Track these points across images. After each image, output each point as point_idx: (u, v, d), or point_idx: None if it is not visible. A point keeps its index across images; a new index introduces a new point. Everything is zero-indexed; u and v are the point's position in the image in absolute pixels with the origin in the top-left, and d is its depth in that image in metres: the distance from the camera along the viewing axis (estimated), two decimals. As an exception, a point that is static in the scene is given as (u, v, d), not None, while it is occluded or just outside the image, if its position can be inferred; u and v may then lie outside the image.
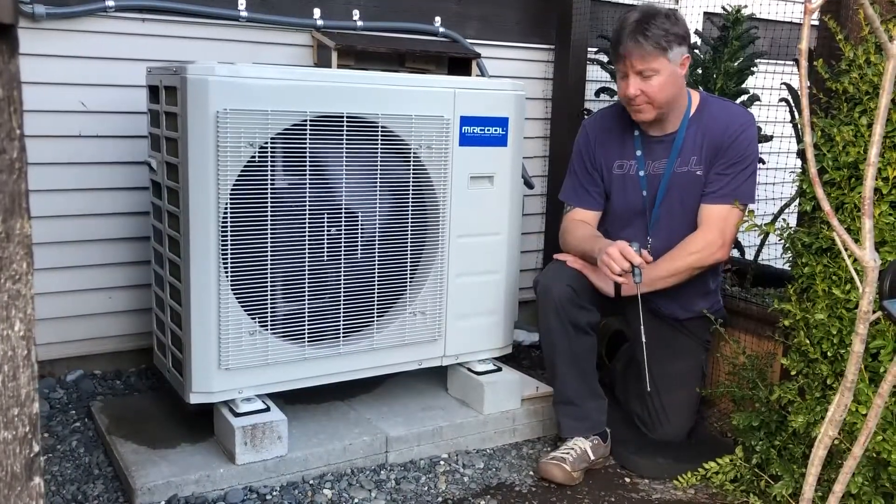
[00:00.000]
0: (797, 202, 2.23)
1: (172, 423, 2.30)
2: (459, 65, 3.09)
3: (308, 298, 2.18)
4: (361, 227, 2.25)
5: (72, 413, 2.48)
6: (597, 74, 3.36)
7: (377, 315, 2.31)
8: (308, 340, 2.20)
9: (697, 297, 2.44)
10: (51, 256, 2.55)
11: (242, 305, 2.10)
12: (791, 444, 2.11)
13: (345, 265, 2.23)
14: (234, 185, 2.03)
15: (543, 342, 2.39)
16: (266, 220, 2.08)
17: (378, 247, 2.28)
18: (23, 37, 1.82)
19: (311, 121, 2.10)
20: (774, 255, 2.88)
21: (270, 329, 2.14)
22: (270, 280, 2.12)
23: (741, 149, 2.27)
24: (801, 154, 2.29)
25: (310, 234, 2.16)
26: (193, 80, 1.97)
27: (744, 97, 3.03)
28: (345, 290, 2.24)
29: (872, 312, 1.14)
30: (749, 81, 3.06)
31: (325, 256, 2.20)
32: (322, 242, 2.19)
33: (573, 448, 2.29)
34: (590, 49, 3.35)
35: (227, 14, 2.70)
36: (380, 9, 3.00)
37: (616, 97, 3.25)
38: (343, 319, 2.25)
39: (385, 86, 2.23)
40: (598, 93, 3.37)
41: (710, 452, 2.29)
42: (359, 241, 2.25)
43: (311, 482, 2.15)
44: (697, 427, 2.56)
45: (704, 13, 3.70)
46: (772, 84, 3.15)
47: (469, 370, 2.52)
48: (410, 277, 2.36)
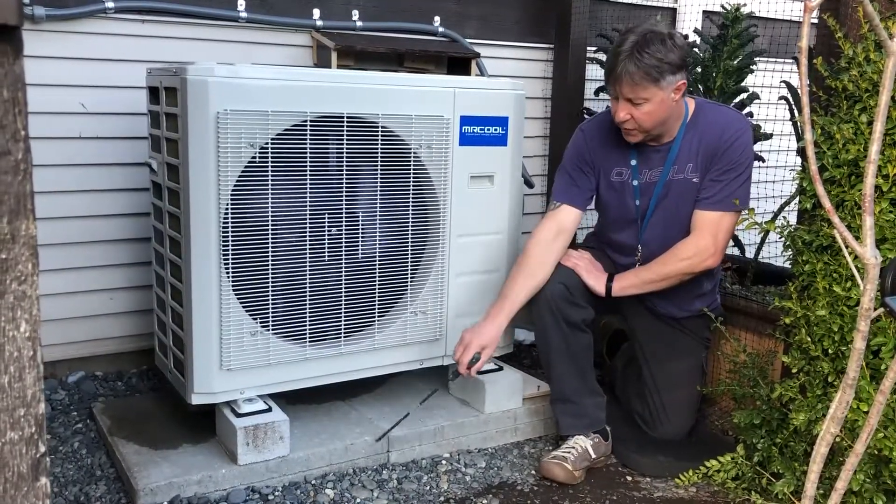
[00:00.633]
0: (797, 200, 2.23)
1: (174, 424, 2.30)
2: (459, 64, 3.09)
3: (309, 298, 2.19)
4: (362, 227, 2.25)
5: (73, 414, 2.48)
6: (596, 73, 3.36)
7: (378, 315, 2.31)
8: (309, 340, 2.20)
9: (693, 298, 2.44)
10: (52, 258, 2.55)
11: (244, 306, 2.10)
12: (792, 442, 2.11)
13: (346, 265, 2.23)
14: (235, 186, 2.03)
15: (538, 340, 2.40)
16: (267, 221, 2.09)
17: (379, 247, 2.28)
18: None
19: (312, 121, 2.10)
20: (775, 253, 2.88)
21: (272, 329, 2.15)
22: (272, 280, 2.12)
23: (735, 155, 2.27)
24: (801, 152, 2.29)
25: (310, 235, 2.16)
26: (193, 81, 1.97)
27: (743, 95, 3.04)
28: (346, 290, 2.24)
29: (874, 309, 1.14)
30: (748, 79, 3.06)
31: (326, 256, 2.20)
32: (323, 242, 2.19)
33: (574, 447, 2.29)
34: (589, 48, 3.35)
35: (227, 15, 2.70)
36: (379, 9, 3.00)
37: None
38: (344, 319, 2.25)
39: (385, 86, 2.23)
40: (598, 91, 3.37)
41: (712, 451, 2.29)
42: (359, 241, 2.25)
43: (314, 482, 2.15)
44: (698, 425, 2.56)
45: (703, 11, 3.71)
46: (771, 82, 3.15)
47: (470, 369, 2.52)
48: (411, 277, 2.36)
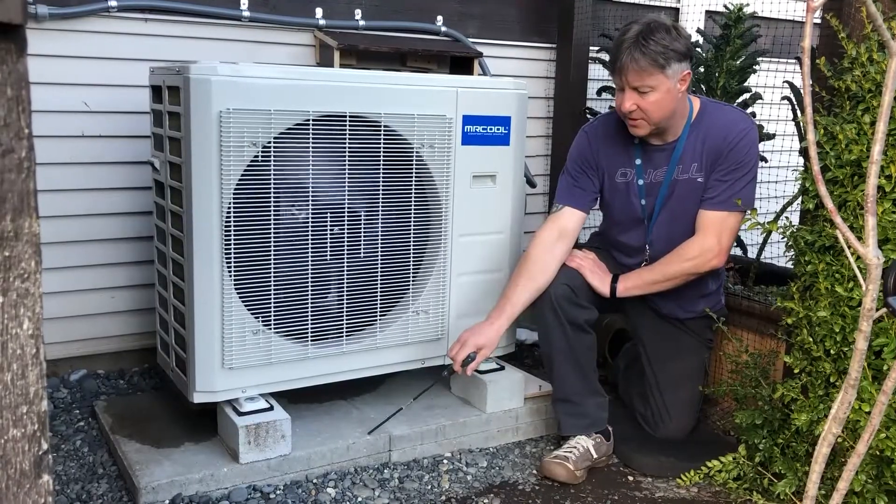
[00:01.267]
0: (800, 200, 2.23)
1: (176, 423, 2.30)
2: (461, 64, 3.09)
3: (311, 297, 2.19)
4: (364, 227, 2.25)
5: (75, 413, 2.48)
6: (599, 73, 3.36)
7: (380, 314, 2.31)
8: (311, 339, 2.21)
9: (697, 298, 2.44)
10: (54, 256, 2.56)
11: (246, 305, 2.10)
12: (794, 443, 2.11)
13: (347, 264, 2.23)
14: (238, 185, 2.03)
15: (541, 340, 2.39)
16: (269, 220, 2.09)
17: (380, 246, 2.28)
18: (26, 37, 1.82)
19: (314, 120, 2.10)
20: (777, 254, 2.88)
21: (274, 328, 2.15)
22: (274, 279, 2.12)
23: (740, 155, 2.26)
24: (804, 152, 2.29)
25: (312, 234, 2.16)
26: (196, 80, 1.98)
27: (746, 95, 3.04)
28: (347, 289, 2.24)
29: (876, 310, 1.14)
30: (751, 80, 3.06)
31: (328, 255, 2.20)
32: (325, 241, 2.19)
33: (576, 447, 2.29)
34: (592, 48, 3.35)
35: (229, 14, 2.70)
36: (381, 8, 3.00)
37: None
38: (346, 318, 2.25)
39: (387, 85, 2.23)
40: (600, 91, 3.37)
41: (713, 451, 2.29)
42: (361, 241, 2.25)
43: (315, 481, 2.15)
44: (700, 425, 2.56)
45: (706, 11, 3.70)
46: (774, 82, 3.15)
47: (472, 369, 2.53)
48: (413, 276, 2.36)
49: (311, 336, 2.20)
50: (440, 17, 3.11)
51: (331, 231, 2.20)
